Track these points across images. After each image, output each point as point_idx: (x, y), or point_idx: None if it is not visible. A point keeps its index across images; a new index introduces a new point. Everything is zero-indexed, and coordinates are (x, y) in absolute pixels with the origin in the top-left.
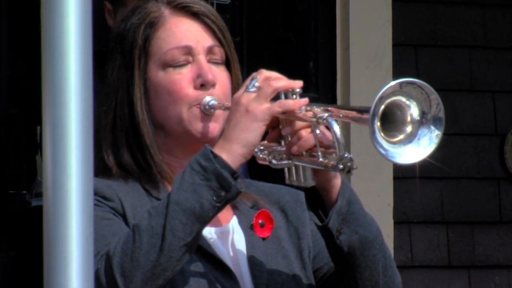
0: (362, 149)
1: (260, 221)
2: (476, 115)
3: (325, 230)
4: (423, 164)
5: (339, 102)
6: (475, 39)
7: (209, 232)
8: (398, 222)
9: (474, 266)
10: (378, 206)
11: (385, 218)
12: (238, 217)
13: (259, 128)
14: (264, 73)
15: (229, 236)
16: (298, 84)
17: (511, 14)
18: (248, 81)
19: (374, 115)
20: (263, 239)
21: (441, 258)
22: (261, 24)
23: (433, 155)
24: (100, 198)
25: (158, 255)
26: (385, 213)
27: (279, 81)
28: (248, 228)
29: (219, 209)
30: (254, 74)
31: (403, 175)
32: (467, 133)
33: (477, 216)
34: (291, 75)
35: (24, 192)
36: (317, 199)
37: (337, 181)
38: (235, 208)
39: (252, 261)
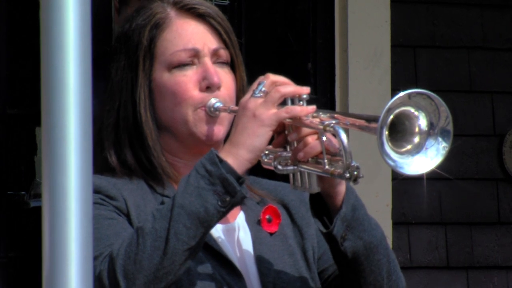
0: (360, 149)
1: (267, 216)
2: (474, 116)
3: (329, 237)
4: None
5: (337, 102)
6: (473, 40)
7: (215, 229)
8: (397, 223)
9: (472, 267)
10: (377, 207)
11: (384, 219)
12: (245, 213)
13: (266, 133)
14: (271, 77)
15: (235, 233)
16: (305, 90)
17: (509, 15)
18: (254, 85)
19: (382, 127)
20: (271, 234)
21: (439, 259)
22: (260, 25)
23: None
24: (104, 197)
25: (162, 259)
26: (383, 214)
27: (287, 86)
28: (255, 224)
29: (224, 214)
30: (261, 78)
31: (402, 176)
32: (465, 134)
33: (475, 217)
34: (289, 76)
35: (23, 193)
36: (322, 204)
37: (342, 187)
38: (242, 204)
39: (260, 259)
